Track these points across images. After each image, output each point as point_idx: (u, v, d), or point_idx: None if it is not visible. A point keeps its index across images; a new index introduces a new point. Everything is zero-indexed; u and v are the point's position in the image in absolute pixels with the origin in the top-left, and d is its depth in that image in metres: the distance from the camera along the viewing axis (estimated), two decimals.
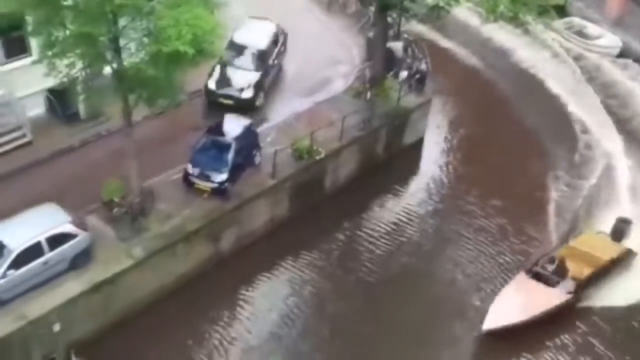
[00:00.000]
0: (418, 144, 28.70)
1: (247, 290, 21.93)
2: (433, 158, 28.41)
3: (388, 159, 27.23)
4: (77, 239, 19.05)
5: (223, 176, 21.81)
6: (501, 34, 34.56)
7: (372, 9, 28.60)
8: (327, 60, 29.13)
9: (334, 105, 26.42)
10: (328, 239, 24.09)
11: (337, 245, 24.12)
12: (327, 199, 25.17)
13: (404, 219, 25.31)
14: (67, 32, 17.06)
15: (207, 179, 21.81)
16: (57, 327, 17.86)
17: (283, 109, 26.27)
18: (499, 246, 24.31)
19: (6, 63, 22.73)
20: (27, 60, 22.46)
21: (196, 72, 19.74)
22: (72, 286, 18.74)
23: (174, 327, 20.20)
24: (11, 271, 17.81)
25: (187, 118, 24.57)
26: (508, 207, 25.72)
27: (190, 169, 21.97)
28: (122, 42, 17.76)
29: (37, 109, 23.88)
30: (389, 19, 27.86)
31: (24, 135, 23.03)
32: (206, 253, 21.82)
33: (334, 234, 24.35)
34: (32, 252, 18.19)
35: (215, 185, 21.81)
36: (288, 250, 23.28)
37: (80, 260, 19.25)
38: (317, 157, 24.18)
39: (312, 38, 30.03)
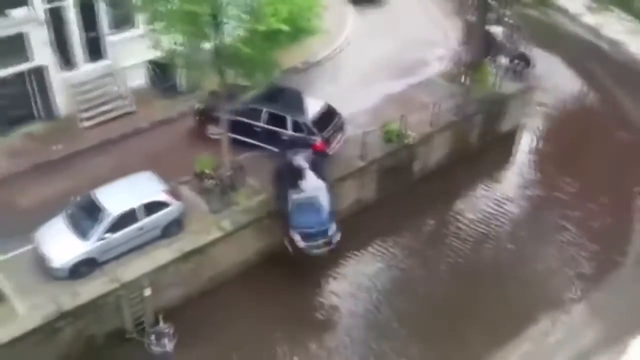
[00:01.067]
0: (515, 133, 27.92)
1: (333, 267, 21.98)
2: (530, 148, 27.61)
3: (482, 147, 26.61)
4: (170, 208, 19.68)
5: (332, 228, 20.20)
6: (612, 24, 32.89)
7: None
8: (423, 42, 28.74)
9: (428, 88, 26.10)
10: (417, 222, 23.86)
11: (426, 229, 23.90)
12: (415, 183, 24.88)
13: (496, 208, 24.74)
14: (172, 7, 17.50)
15: (320, 240, 20.08)
16: (147, 292, 18.45)
17: (374, 91, 26.08)
18: (598, 243, 23.32)
19: (114, 34, 23.69)
20: (133, 33, 23.39)
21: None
22: (164, 253, 19.37)
23: (259, 300, 20.55)
24: (108, 234, 18.61)
25: None
26: (611, 205, 24.68)
27: (298, 239, 19.86)
28: (222, 19, 18.00)
29: (139, 79, 24.81)
30: (492, 3, 27.03)
31: (126, 105, 23.97)
32: None
33: (422, 218, 24.08)
34: (129, 217, 18.92)
35: (333, 246, 20.39)
36: (375, 231, 23.21)
37: (173, 228, 19.89)
38: (407, 141, 23.90)
39: (409, 19, 29.64)
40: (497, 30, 27.70)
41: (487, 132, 26.62)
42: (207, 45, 18.96)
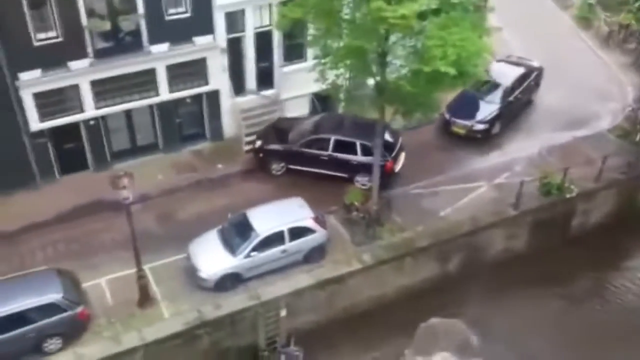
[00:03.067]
0: None
1: (473, 316, 21.21)
2: None
3: None
4: (315, 235, 20.17)
5: None
6: None
7: None
8: (595, 95, 27.34)
9: (596, 142, 24.82)
10: (567, 282, 22.52)
11: (578, 290, 22.53)
12: (570, 241, 23.55)
13: None
14: (341, 43, 18.14)
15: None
16: (283, 313, 18.98)
17: (538, 140, 25.13)
18: None
19: (284, 65, 24.94)
20: (301, 65, 24.46)
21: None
22: (303, 278, 19.87)
23: (390, 336, 20.35)
24: (254, 253, 19.43)
25: (426, 136, 25.04)
26: None
27: None
28: (389, 57, 18.37)
29: (301, 109, 25.77)
30: None
31: None
32: (432, 271, 21.77)
33: (574, 279, 22.66)
34: (275, 239, 19.66)
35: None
36: (520, 284, 22.11)
37: (314, 255, 20.37)
38: (568, 195, 22.77)
39: (583, 71, 28.42)
40: None
41: None
42: (370, 81, 19.40)
